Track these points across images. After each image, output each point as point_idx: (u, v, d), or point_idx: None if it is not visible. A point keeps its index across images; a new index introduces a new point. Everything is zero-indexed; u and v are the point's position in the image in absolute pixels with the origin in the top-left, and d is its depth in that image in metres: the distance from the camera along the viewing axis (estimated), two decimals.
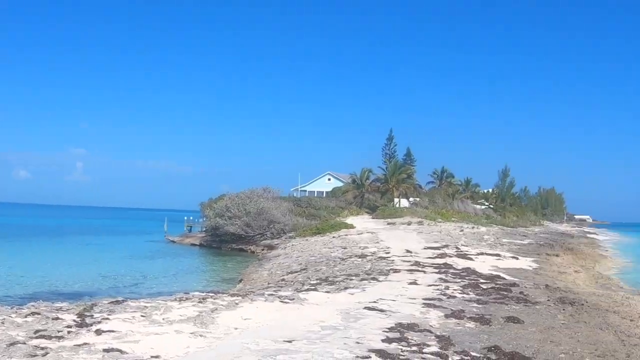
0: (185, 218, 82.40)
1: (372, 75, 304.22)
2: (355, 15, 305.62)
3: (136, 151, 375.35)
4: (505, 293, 20.17)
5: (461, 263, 30.08)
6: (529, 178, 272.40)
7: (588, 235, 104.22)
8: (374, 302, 17.10)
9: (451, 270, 26.58)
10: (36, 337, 11.36)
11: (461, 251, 36.61)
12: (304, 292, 18.90)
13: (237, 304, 15.73)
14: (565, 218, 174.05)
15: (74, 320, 12.86)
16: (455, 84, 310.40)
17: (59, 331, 11.88)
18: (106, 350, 10.54)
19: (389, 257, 31.52)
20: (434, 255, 33.14)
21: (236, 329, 13.01)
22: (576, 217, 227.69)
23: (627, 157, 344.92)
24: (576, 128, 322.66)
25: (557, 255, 42.31)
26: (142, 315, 13.62)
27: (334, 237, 47.27)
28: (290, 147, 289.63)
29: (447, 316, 15.31)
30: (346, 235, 47.92)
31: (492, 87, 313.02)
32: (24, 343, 10.88)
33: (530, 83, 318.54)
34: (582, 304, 18.96)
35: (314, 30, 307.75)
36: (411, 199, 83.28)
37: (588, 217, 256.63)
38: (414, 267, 27.27)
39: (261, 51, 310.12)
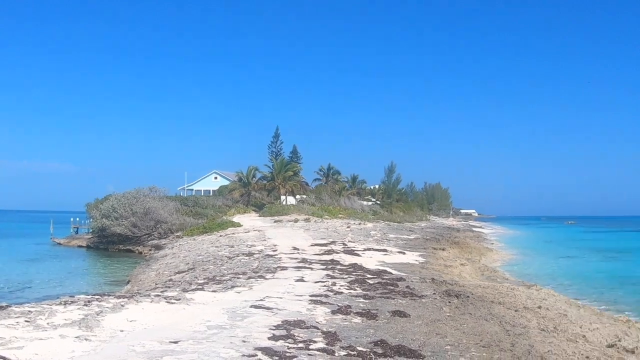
0: (72, 219, 79.80)
1: (257, 72, 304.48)
2: (241, 12, 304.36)
3: (20, 150, 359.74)
4: (392, 287, 20.54)
5: (348, 259, 30.43)
6: (415, 174, 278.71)
7: (474, 229, 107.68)
8: (261, 300, 17.06)
9: (338, 267, 26.83)
10: None
11: (348, 247, 37.08)
12: (190, 292, 18.68)
13: (122, 306, 15.37)
14: (451, 212, 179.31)
15: None
16: (340, 82, 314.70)
17: None
18: None
19: (276, 255, 31.58)
20: (321, 252, 33.40)
21: (122, 331, 12.70)
22: (462, 211, 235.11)
23: (512, 152, 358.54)
24: (461, 124, 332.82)
25: (443, 249, 43.45)
26: (26, 321, 13.10)
27: (221, 235, 47.05)
28: (176, 146, 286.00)
29: (333, 312, 15.44)
30: (233, 233, 47.77)
31: (376, 84, 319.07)
32: None
33: (412, 79, 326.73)
34: (468, 296, 19.49)
35: (195, 28, 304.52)
36: (298, 197, 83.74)
37: (474, 211, 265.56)
38: (301, 264, 27.40)
39: (143, 48, 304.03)
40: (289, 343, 11.89)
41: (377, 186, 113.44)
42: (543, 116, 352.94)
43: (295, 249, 35.06)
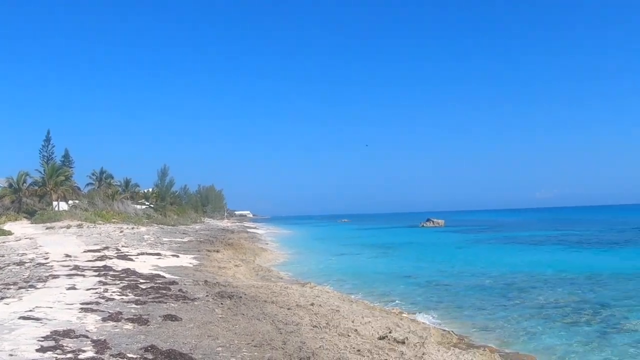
0: None
1: (24, 71, 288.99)
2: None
3: None
4: (165, 292, 20.33)
5: (121, 264, 29.76)
6: (189, 176, 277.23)
7: (248, 229, 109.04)
8: (31, 310, 16.20)
9: (111, 273, 26.13)
10: None
11: (121, 252, 36.28)
12: None
13: None
14: (226, 214, 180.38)
15: None
16: (110, 81, 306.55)
17: None
18: None
19: (48, 263, 30.19)
20: (94, 258, 32.42)
21: None
22: (237, 212, 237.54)
23: (284, 153, 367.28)
24: (232, 126, 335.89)
25: (217, 251, 43.60)
26: None
27: None
28: None
29: (104, 319, 15.01)
30: (4, 242, 45.15)
31: (146, 83, 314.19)
32: None
33: (184, 79, 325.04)
34: (241, 297, 19.72)
35: None
36: (70, 202, 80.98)
37: (248, 212, 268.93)
38: (73, 272, 26.37)
39: None
40: (57, 354, 11.43)
41: (150, 189, 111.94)
42: (309, 120, 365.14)
43: (67, 256, 33.72)
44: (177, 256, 36.45)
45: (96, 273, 25.98)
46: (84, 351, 11.70)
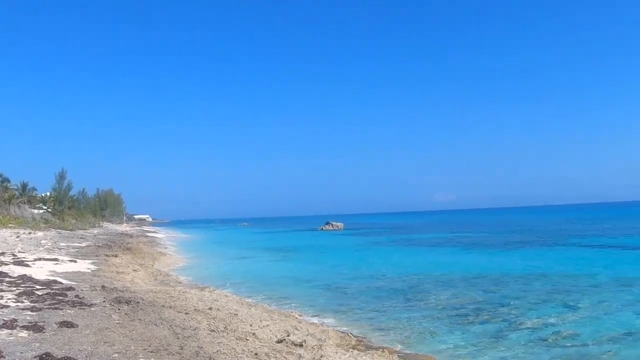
0: None
1: None
2: None
3: None
4: (61, 298, 19.86)
5: (18, 270, 28.87)
6: (88, 180, 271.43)
7: (148, 234, 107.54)
8: None
9: (7, 279, 25.31)
10: None
11: (18, 258, 35.18)
12: None
13: None
14: (125, 218, 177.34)
15: None
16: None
17: None
18: None
19: None
20: None
21: None
22: (136, 216, 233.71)
23: (184, 157, 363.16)
24: (133, 129, 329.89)
25: (115, 256, 42.82)
26: None
27: None
28: None
29: None
30: None
31: (42, 85, 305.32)
32: None
33: (86, 80, 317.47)
34: (138, 302, 19.46)
35: None
36: None
37: (147, 216, 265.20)
38: None
39: None
40: None
41: (48, 193, 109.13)
42: (206, 121, 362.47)
43: None
44: (75, 261, 35.65)
45: None
46: None
